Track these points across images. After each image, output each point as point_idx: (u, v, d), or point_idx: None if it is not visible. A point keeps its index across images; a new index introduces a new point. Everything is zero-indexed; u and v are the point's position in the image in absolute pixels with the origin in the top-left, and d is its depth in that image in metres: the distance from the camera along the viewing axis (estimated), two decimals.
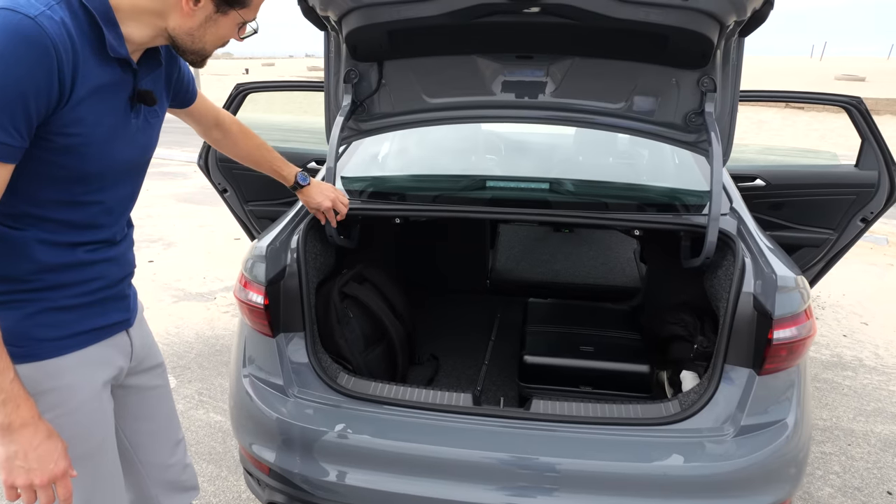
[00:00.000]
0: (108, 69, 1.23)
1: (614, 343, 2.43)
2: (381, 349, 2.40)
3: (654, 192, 2.58)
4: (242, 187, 4.01)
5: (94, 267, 1.36)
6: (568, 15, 1.93)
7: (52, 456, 1.21)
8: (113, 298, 1.43)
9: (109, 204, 1.35)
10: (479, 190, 2.44)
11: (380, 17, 1.98)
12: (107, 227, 1.37)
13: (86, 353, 1.36)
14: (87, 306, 1.36)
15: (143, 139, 1.39)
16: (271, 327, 2.05)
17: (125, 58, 1.25)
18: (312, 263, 2.21)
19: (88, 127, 1.22)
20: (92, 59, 1.20)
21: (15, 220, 1.23)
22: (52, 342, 1.30)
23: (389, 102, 2.38)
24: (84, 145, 1.22)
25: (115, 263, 1.42)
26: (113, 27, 1.22)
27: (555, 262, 3.87)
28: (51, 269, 1.28)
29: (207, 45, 1.34)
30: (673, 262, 2.51)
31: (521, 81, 2.32)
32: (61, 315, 1.31)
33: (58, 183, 1.24)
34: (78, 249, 1.32)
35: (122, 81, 1.28)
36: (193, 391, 3.61)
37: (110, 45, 1.21)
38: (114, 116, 1.28)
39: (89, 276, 1.35)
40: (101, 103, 1.23)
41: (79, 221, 1.30)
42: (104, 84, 1.23)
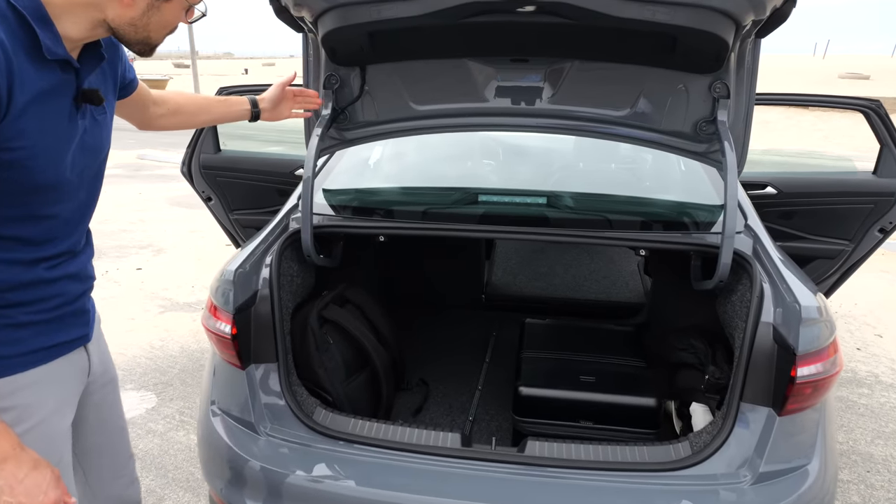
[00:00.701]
0: (46, 72, 1.13)
1: (617, 371, 2.24)
2: (364, 377, 2.21)
3: (662, 207, 2.38)
4: (227, 195, 3.83)
5: (54, 284, 1.29)
6: (566, 14, 1.74)
7: (40, 487, 1.16)
8: (72, 314, 1.36)
9: (66, 215, 1.28)
10: (471, 205, 2.25)
11: (358, 17, 1.80)
12: (65, 237, 1.30)
13: (43, 371, 1.30)
14: (46, 323, 1.29)
15: (94, 141, 1.30)
16: (240, 358, 1.87)
17: (64, 58, 1.15)
18: (288, 287, 2.02)
19: (32, 138, 1.12)
20: (28, 63, 1.09)
21: None
22: (8, 360, 1.24)
23: (374, 110, 2.20)
24: (30, 158, 1.13)
25: (76, 279, 1.36)
26: (47, 26, 1.11)
27: (554, 275, 3.67)
28: (8, 288, 1.21)
29: (152, 33, 1.25)
30: (681, 279, 2.33)
31: (517, 87, 2.14)
32: (18, 332, 1.24)
33: (8, 198, 1.15)
34: (38, 267, 1.25)
35: (64, 83, 1.18)
36: (174, 410, 3.43)
37: (46, 47, 1.11)
38: (59, 122, 1.18)
39: (49, 294, 1.28)
40: (43, 111, 1.14)
41: (36, 237, 1.23)
42: (45, 89, 1.13)
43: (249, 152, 3.85)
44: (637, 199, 2.49)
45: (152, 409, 3.43)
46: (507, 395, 2.60)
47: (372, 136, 2.26)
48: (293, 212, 2.25)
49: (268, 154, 3.89)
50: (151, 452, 3.05)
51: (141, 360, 3.95)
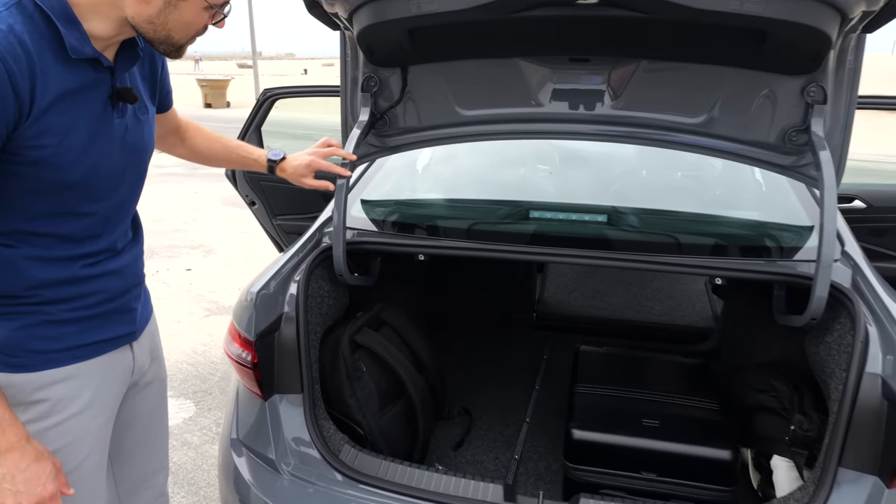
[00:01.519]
0: (76, 72, 1.15)
1: (686, 415, 1.96)
2: (400, 408, 2.02)
3: (741, 228, 2.09)
4: (271, 200, 3.72)
5: (94, 281, 1.30)
6: (636, 6, 1.50)
7: (39, 479, 1.19)
8: (116, 312, 1.36)
9: (105, 213, 1.29)
10: (521, 222, 2.02)
11: (395, 12, 1.60)
12: (105, 235, 1.31)
13: (81, 367, 1.30)
14: (87, 320, 1.30)
15: (135, 138, 1.31)
16: (262, 388, 1.71)
17: (92, 57, 1.16)
18: (317, 309, 1.85)
19: (59, 136, 1.14)
20: (55, 63, 1.12)
21: (5, 237, 1.18)
22: (47, 354, 1.25)
23: (416, 115, 2.00)
24: (57, 156, 1.15)
25: (118, 276, 1.35)
26: (73, 25, 1.13)
27: (612, 293, 3.39)
28: (46, 285, 1.23)
29: (173, 33, 1.22)
30: (759, 307, 2.04)
31: (575, 90, 1.90)
32: (59, 328, 1.26)
33: (45, 195, 1.18)
34: (75, 264, 1.26)
35: (97, 82, 1.20)
36: (212, 422, 3.33)
37: (71, 46, 1.12)
38: (92, 120, 1.20)
39: (88, 291, 1.29)
40: (72, 109, 1.16)
41: (74, 234, 1.24)
42: (73, 88, 1.15)
43: None
44: (711, 217, 2.20)
45: (189, 419, 3.34)
46: (558, 430, 2.36)
47: (414, 144, 2.06)
48: (327, 225, 2.07)
49: None
50: (185, 466, 2.95)
51: (182, 366, 3.88)
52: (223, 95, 22.05)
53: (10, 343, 1.21)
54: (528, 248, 1.82)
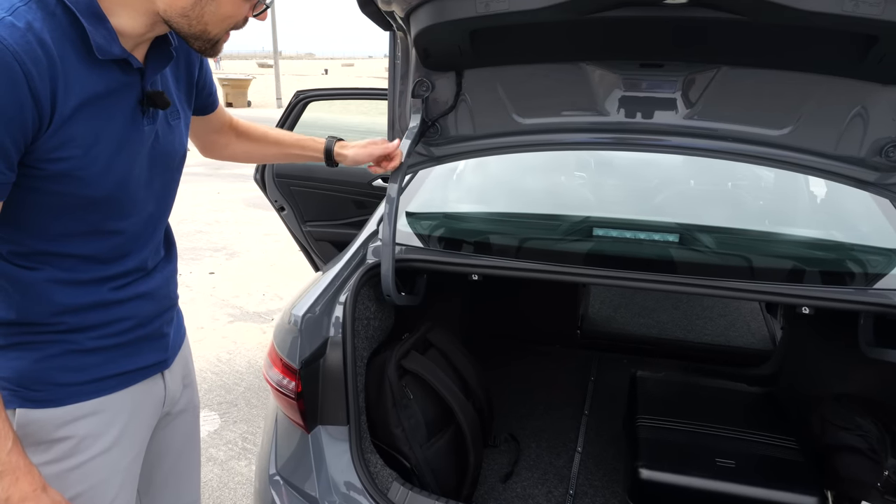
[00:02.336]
0: (102, 74, 1.03)
1: (763, 454, 1.80)
2: (448, 438, 1.87)
3: (822, 250, 1.92)
4: (301, 206, 3.60)
5: (123, 305, 1.18)
6: (731, 7, 1.34)
7: None
8: (147, 338, 1.25)
9: (135, 229, 1.17)
10: (584, 240, 1.86)
11: (460, 11, 1.46)
12: (134, 254, 1.19)
13: (108, 401, 1.19)
14: (115, 348, 1.19)
15: (165, 147, 1.19)
16: (305, 419, 1.57)
17: (120, 58, 1.03)
18: (363, 332, 1.71)
19: (83, 147, 1.02)
20: (79, 65, 0.99)
21: (26, 258, 1.07)
22: (72, 387, 1.14)
23: (470, 123, 1.86)
24: (82, 168, 1.03)
25: (149, 299, 1.23)
26: (99, 22, 1.00)
27: (660, 310, 3.21)
28: (72, 310, 1.12)
29: (210, 27, 1.09)
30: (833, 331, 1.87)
31: (645, 97, 1.75)
32: (84, 358, 1.15)
33: (68, 212, 1.06)
34: (103, 287, 1.15)
35: (126, 85, 1.07)
36: (237, 435, 3.21)
37: (97, 46, 1.00)
38: (120, 128, 1.07)
39: (117, 317, 1.17)
40: (98, 116, 1.03)
41: (101, 254, 1.13)
42: (99, 93, 1.03)
43: None
44: (787, 237, 2.02)
45: (214, 432, 3.22)
46: (614, 462, 2.20)
47: (466, 153, 1.92)
48: (372, 240, 1.93)
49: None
50: (210, 484, 2.83)
51: (207, 375, 3.77)
52: (244, 95, 22.09)
53: (32, 376, 1.10)
54: (596, 271, 1.67)
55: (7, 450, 1.01)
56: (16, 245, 1.06)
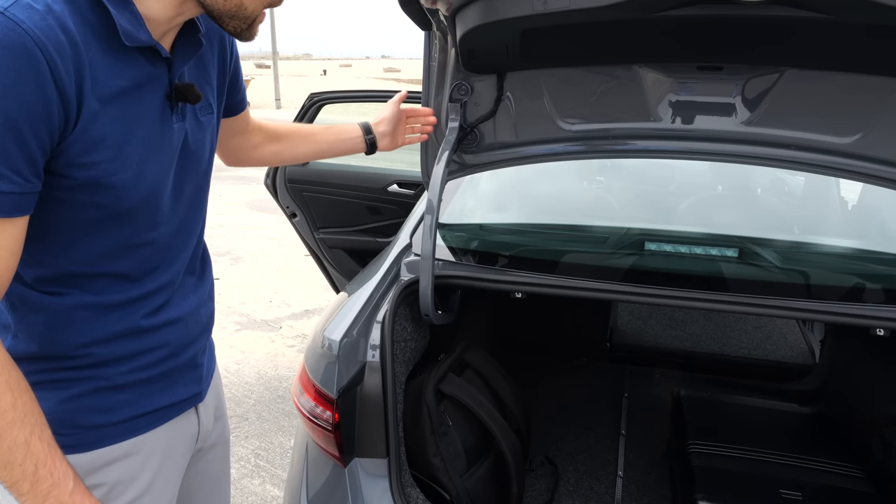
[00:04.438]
0: (129, 64, 0.91)
1: (830, 484, 1.68)
2: (488, 466, 1.75)
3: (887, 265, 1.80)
4: (313, 212, 3.48)
5: (155, 333, 1.07)
6: (814, 5, 1.22)
7: None
8: (180, 369, 1.13)
9: (165, 239, 1.05)
10: (632, 255, 1.74)
11: (515, 9, 1.34)
12: (164, 267, 1.07)
13: (141, 441, 1.08)
14: (148, 382, 1.08)
15: (196, 147, 1.07)
16: (342, 452, 1.45)
17: (149, 44, 0.91)
18: (401, 355, 1.59)
19: (114, 148, 0.90)
20: (103, 54, 0.87)
21: (52, 283, 0.96)
22: (101, 429, 1.03)
23: (511, 129, 1.74)
24: (113, 174, 0.91)
25: (182, 326, 1.11)
26: (124, 5, 0.88)
27: (692, 322, 3.10)
28: (101, 340, 1.00)
29: (246, 1, 0.95)
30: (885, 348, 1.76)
31: (702, 103, 1.63)
32: (115, 395, 1.04)
33: (100, 226, 0.95)
34: (136, 312, 1.03)
35: (153, 77, 0.95)
36: (250, 451, 3.09)
37: (124, 32, 0.87)
38: (149, 126, 0.95)
39: (149, 346, 1.06)
40: (126, 112, 0.92)
41: (132, 271, 1.02)
42: (126, 86, 0.91)
43: (339, 165, 3.48)
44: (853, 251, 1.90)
45: None
46: (658, 486, 2.08)
47: (505, 161, 1.80)
48: (405, 254, 1.81)
49: (358, 167, 3.51)
50: None
51: None
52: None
53: (58, 419, 0.98)
54: (654, 289, 1.54)
55: (69, 490, 0.92)
56: (42, 268, 0.95)
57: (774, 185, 2.53)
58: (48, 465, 0.88)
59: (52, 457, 0.89)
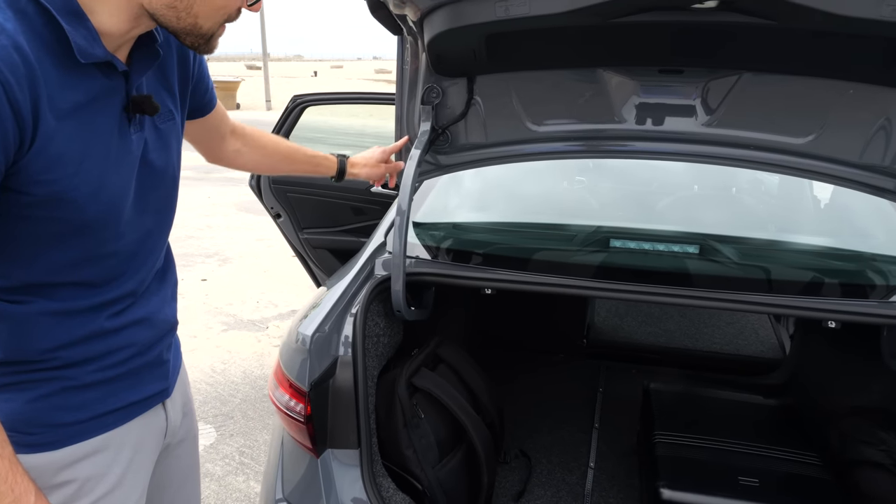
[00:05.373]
0: (84, 79, 0.92)
1: (787, 471, 1.74)
2: (460, 457, 1.81)
3: (842, 260, 1.87)
4: (298, 213, 3.52)
5: (120, 333, 1.09)
6: (762, 12, 1.29)
7: None
8: (147, 366, 1.16)
9: (130, 248, 1.07)
10: (600, 252, 1.80)
11: (478, 16, 1.39)
12: (130, 274, 1.09)
13: (110, 437, 1.11)
14: (115, 380, 1.10)
15: (158, 156, 1.08)
16: (315, 443, 1.50)
17: (105, 59, 0.92)
18: (373, 350, 1.64)
19: (72, 164, 0.91)
20: (58, 71, 0.87)
21: (16, 293, 0.97)
22: (71, 427, 1.05)
23: (481, 130, 1.80)
24: (72, 189, 0.92)
25: (147, 325, 1.14)
26: (79, 21, 0.89)
27: (667, 318, 3.16)
28: (67, 344, 1.02)
29: (201, 20, 0.97)
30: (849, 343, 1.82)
31: (664, 104, 1.69)
32: (83, 394, 1.06)
33: (62, 239, 0.96)
34: (99, 315, 1.05)
35: (109, 90, 0.96)
36: (234, 449, 3.12)
37: (78, 48, 0.88)
38: (107, 139, 0.96)
39: (115, 346, 1.08)
40: (83, 127, 0.92)
41: (96, 279, 1.03)
42: (83, 100, 0.92)
43: None
44: (806, 247, 1.97)
45: (211, 446, 3.13)
46: (628, 478, 2.14)
47: (476, 162, 1.86)
48: (379, 252, 1.86)
49: None
50: (207, 501, 2.75)
51: (201, 387, 3.68)
52: (233, 97, 21.92)
53: (26, 418, 1.00)
54: (616, 285, 1.61)
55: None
56: (5, 279, 0.96)
57: (741, 184, 2.60)
58: (9, 481, 0.87)
59: (13, 472, 0.88)
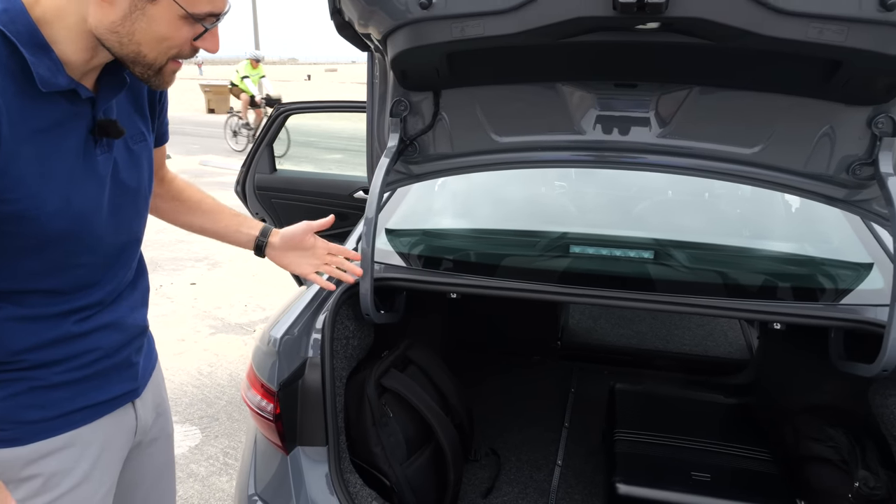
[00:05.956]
0: (47, 107, 0.97)
1: (738, 467, 1.83)
2: (428, 456, 1.88)
3: (794, 265, 1.96)
4: (282, 218, 3.60)
5: (88, 338, 1.13)
6: (700, 34, 1.37)
7: None
8: (115, 368, 1.20)
9: (99, 260, 1.13)
10: (561, 257, 1.88)
11: (437, 36, 1.47)
12: (103, 284, 1.14)
13: (77, 435, 1.15)
14: (82, 381, 1.14)
15: (128, 175, 1.14)
16: (284, 440, 1.57)
17: (68, 88, 0.98)
18: (342, 352, 1.72)
19: (34, 185, 0.97)
20: (21, 98, 0.93)
21: None
22: (38, 424, 1.10)
23: (448, 141, 1.87)
24: (35, 207, 0.98)
25: (115, 329, 1.19)
26: (43, 53, 0.94)
27: (639, 321, 3.25)
28: (34, 348, 1.07)
29: (144, 47, 0.99)
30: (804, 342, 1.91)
31: (620, 116, 1.77)
32: (50, 393, 1.10)
33: (28, 253, 1.02)
34: (66, 320, 1.10)
35: (74, 115, 1.01)
36: (219, 450, 3.19)
37: (41, 78, 0.94)
38: (72, 161, 1.02)
39: (82, 349, 1.13)
40: (46, 150, 0.98)
41: (64, 287, 1.08)
42: (45, 126, 0.97)
43: (306, 173, 3.60)
44: (760, 252, 2.06)
45: (195, 447, 3.20)
46: (594, 475, 2.22)
47: (445, 171, 1.94)
48: None
49: (325, 175, 3.62)
50: (191, 501, 2.81)
51: (188, 389, 3.75)
52: (226, 101, 21.94)
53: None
54: (573, 289, 1.69)
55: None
56: None
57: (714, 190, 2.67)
58: None
59: None
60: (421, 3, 1.40)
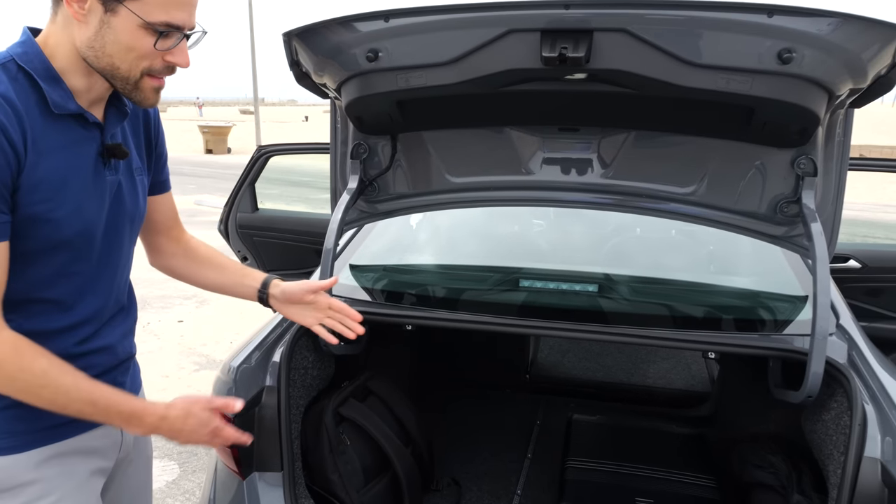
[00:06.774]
0: (63, 128, 1.16)
1: (682, 493, 1.89)
2: (385, 483, 1.94)
3: (735, 298, 2.06)
4: (263, 256, 3.71)
5: (83, 358, 1.25)
6: (622, 83, 1.50)
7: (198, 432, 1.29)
8: None
9: (94, 270, 1.26)
10: (511, 291, 1.98)
11: (384, 86, 1.60)
12: (91, 296, 1.26)
13: (66, 445, 1.26)
14: None
15: (127, 196, 1.30)
16: (240, 465, 1.64)
17: (78, 112, 1.16)
18: (300, 381, 1.80)
19: (52, 191, 1.13)
20: (42, 120, 1.12)
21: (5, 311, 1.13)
22: (27, 435, 1.20)
23: (406, 181, 1.99)
24: (52, 210, 1.14)
25: (108, 353, 1.33)
26: (56, 83, 1.14)
27: (606, 355, 3.33)
28: None
29: (116, 59, 1.13)
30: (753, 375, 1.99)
31: (565, 158, 1.89)
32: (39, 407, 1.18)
33: (38, 256, 1.15)
34: (67, 340, 1.22)
35: (86, 139, 1.20)
36: (196, 485, 3.22)
37: (53, 103, 1.13)
38: (85, 174, 1.20)
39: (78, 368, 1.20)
40: (62, 163, 1.15)
41: (65, 298, 1.21)
42: (62, 143, 1.15)
43: (287, 212, 3.72)
44: (704, 286, 2.16)
45: (173, 482, 3.23)
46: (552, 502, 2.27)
47: (404, 209, 2.05)
48: None
49: (306, 214, 3.75)
50: None
51: None
52: (224, 142, 22.34)
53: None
54: (515, 320, 1.78)
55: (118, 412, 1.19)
56: None
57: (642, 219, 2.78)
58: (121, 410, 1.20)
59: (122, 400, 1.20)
60: (368, 57, 1.54)
